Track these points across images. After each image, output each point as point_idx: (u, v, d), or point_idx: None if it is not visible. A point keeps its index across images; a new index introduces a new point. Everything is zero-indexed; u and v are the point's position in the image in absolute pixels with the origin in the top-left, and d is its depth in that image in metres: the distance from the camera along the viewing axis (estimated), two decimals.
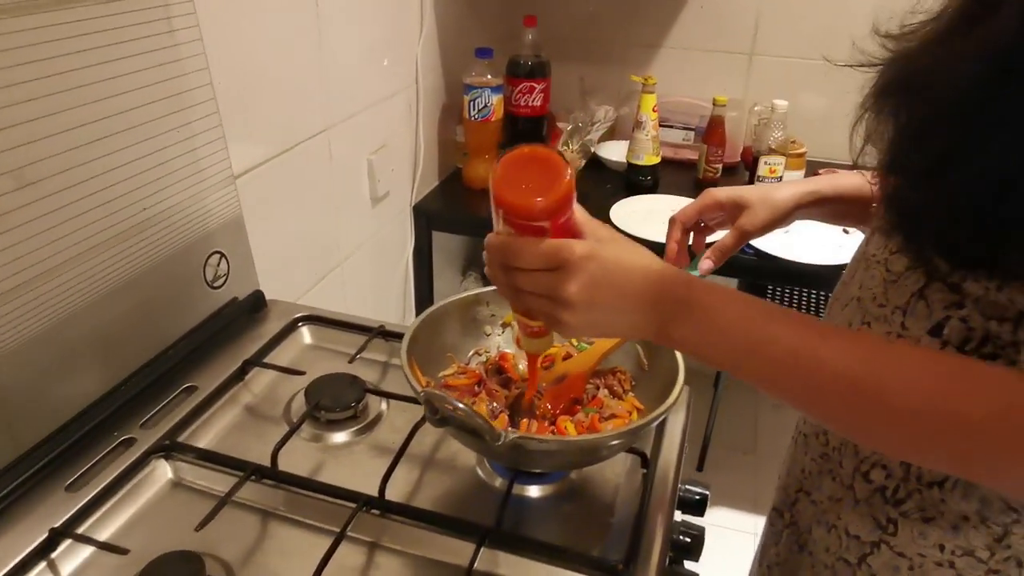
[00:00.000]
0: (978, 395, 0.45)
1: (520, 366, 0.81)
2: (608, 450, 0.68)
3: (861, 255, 0.66)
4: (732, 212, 0.79)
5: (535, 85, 1.67)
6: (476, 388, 0.77)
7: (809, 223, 1.51)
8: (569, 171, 0.54)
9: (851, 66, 0.57)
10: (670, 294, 0.53)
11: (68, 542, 0.65)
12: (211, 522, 0.66)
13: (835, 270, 1.40)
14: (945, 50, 0.49)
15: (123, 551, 0.63)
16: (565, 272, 0.53)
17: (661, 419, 0.68)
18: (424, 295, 1.74)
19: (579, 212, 0.56)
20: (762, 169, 1.63)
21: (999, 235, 0.47)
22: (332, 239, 1.33)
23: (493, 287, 0.83)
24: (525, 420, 0.73)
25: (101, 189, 0.76)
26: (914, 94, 0.51)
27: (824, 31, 1.67)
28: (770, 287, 2.02)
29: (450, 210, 1.69)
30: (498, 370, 0.79)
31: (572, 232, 0.55)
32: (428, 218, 1.66)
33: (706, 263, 0.78)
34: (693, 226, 0.80)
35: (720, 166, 1.75)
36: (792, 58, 1.86)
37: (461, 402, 0.59)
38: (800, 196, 0.78)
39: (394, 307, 1.64)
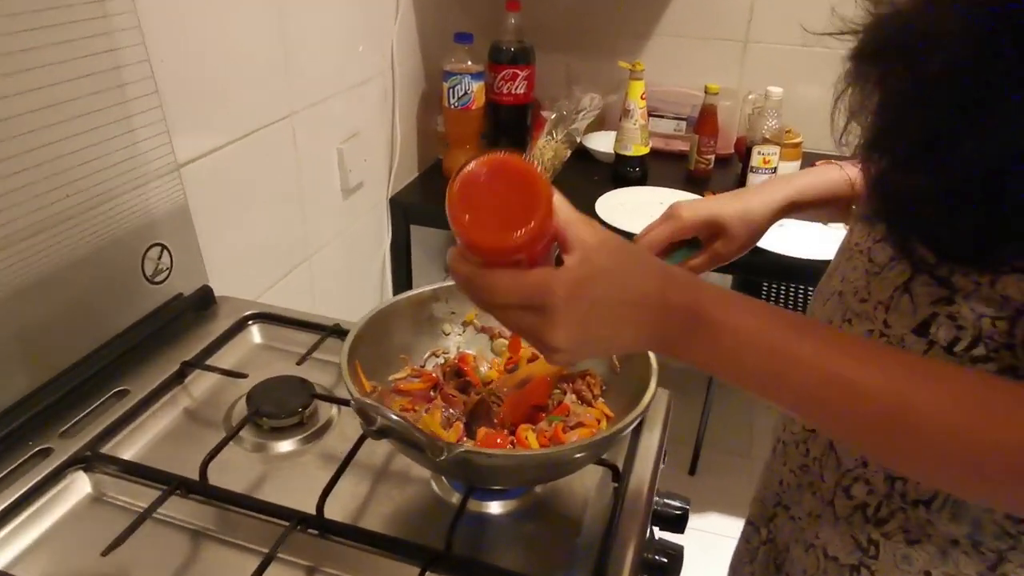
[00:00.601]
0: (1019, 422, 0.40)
1: (482, 369, 0.74)
2: (570, 465, 0.61)
3: (845, 245, 0.60)
4: (706, 233, 0.73)
5: (518, 72, 1.60)
6: (431, 393, 0.70)
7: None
8: (548, 192, 0.44)
9: (831, 34, 0.51)
10: (675, 317, 0.45)
11: None
12: (131, 543, 0.59)
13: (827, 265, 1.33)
14: (936, 8, 0.43)
15: None
16: (548, 317, 0.43)
17: (632, 427, 0.60)
18: (402, 292, 1.66)
19: (561, 211, 0.45)
20: (755, 159, 1.55)
21: (993, 223, 0.41)
22: (298, 232, 1.25)
23: (451, 282, 0.76)
24: (483, 429, 0.66)
25: (16, 172, 0.68)
26: (901, 60, 0.45)
27: (821, 18, 1.60)
28: (765, 284, 1.95)
29: (430, 203, 1.61)
30: (457, 373, 0.72)
31: (551, 250, 0.46)
32: (406, 211, 1.58)
33: None
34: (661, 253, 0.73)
35: (712, 157, 1.67)
36: (787, 45, 1.78)
37: (396, 413, 0.52)
38: (778, 208, 0.73)
39: (369, 306, 1.56)
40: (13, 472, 0.67)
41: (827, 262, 0.68)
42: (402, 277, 1.64)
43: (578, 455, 0.59)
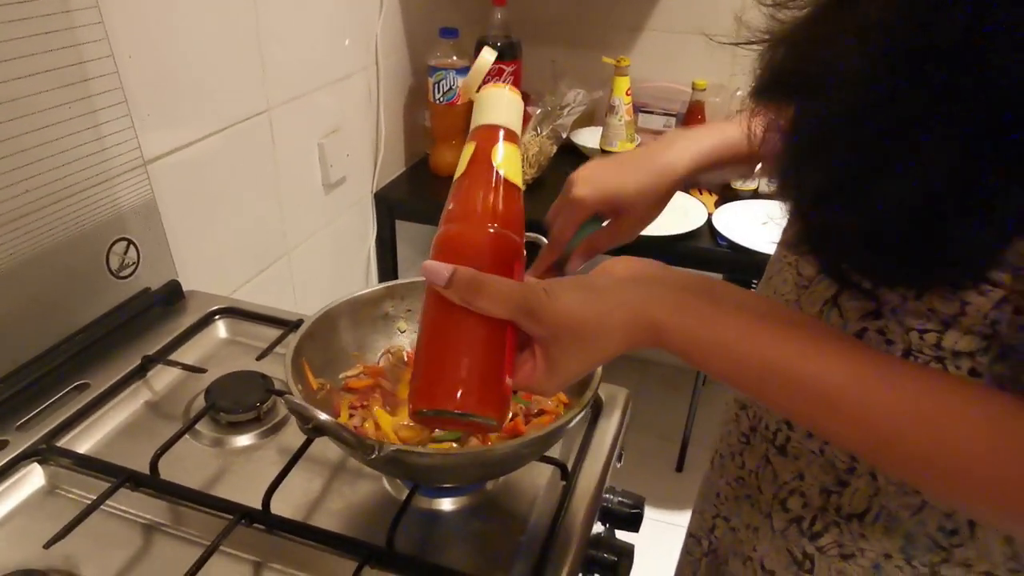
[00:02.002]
0: None
1: None
2: (510, 462, 0.61)
3: (775, 256, 0.59)
4: (607, 210, 0.69)
5: (504, 67, 1.59)
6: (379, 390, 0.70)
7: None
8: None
9: (736, 44, 0.50)
10: (643, 337, 0.43)
11: None
12: (80, 535, 0.60)
13: None
14: (834, 47, 0.40)
15: None
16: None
17: (572, 423, 0.60)
18: None
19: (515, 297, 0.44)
20: None
21: (925, 251, 0.39)
22: (276, 227, 1.26)
23: (404, 279, 0.76)
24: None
25: None
26: (802, 99, 0.43)
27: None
28: (755, 282, 1.94)
29: (415, 198, 1.61)
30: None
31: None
32: (391, 206, 1.59)
33: (575, 261, 0.70)
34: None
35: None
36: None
37: (323, 412, 0.52)
38: (679, 180, 0.68)
39: None
40: None
41: None
42: (388, 273, 1.65)
43: (516, 453, 0.59)
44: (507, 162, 0.48)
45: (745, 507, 0.60)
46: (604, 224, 0.71)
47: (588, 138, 1.76)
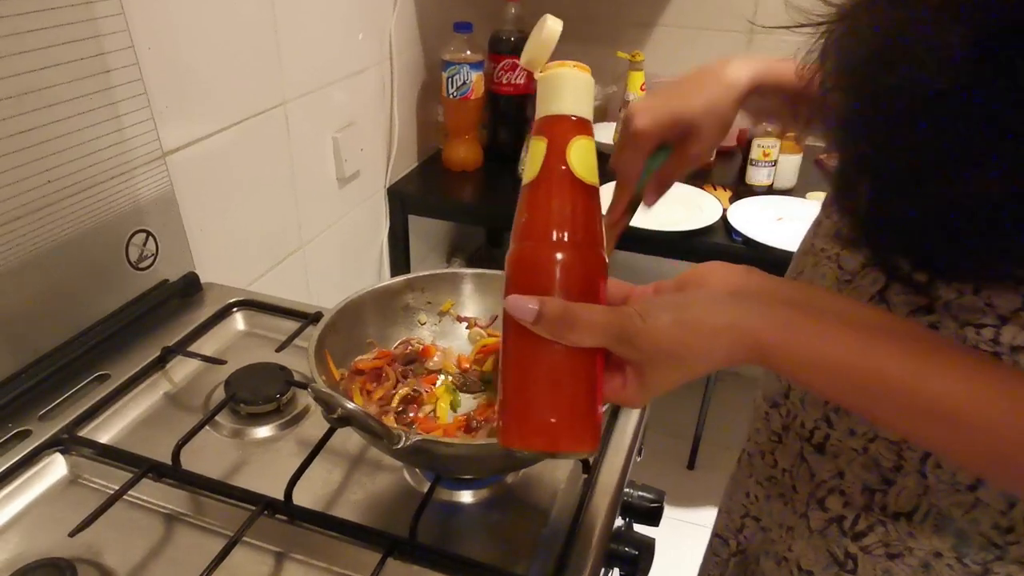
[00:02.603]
0: None
1: (435, 358, 0.73)
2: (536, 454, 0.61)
3: (808, 249, 0.58)
4: (673, 135, 0.65)
5: (518, 62, 1.58)
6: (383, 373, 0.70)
7: (803, 208, 1.41)
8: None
9: (785, 28, 0.48)
10: (744, 356, 0.41)
11: None
12: (103, 525, 0.60)
13: None
14: (935, 25, 0.37)
15: None
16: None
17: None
18: None
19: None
20: (755, 152, 1.54)
21: (996, 243, 0.38)
22: (291, 221, 1.26)
23: (426, 272, 0.76)
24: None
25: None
26: (887, 80, 0.40)
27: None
28: None
29: (428, 193, 1.61)
30: (410, 361, 0.72)
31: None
32: (403, 201, 1.59)
33: (650, 197, 0.67)
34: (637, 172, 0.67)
35: (714, 149, 1.66)
36: (794, 37, 1.76)
37: (352, 402, 0.52)
38: (743, 92, 0.64)
39: None
40: None
41: None
42: (400, 267, 1.65)
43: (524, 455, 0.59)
44: (583, 160, 0.44)
45: (777, 506, 0.60)
46: (671, 153, 0.67)
47: (601, 133, 1.75)
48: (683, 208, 1.46)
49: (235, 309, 0.92)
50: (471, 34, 1.52)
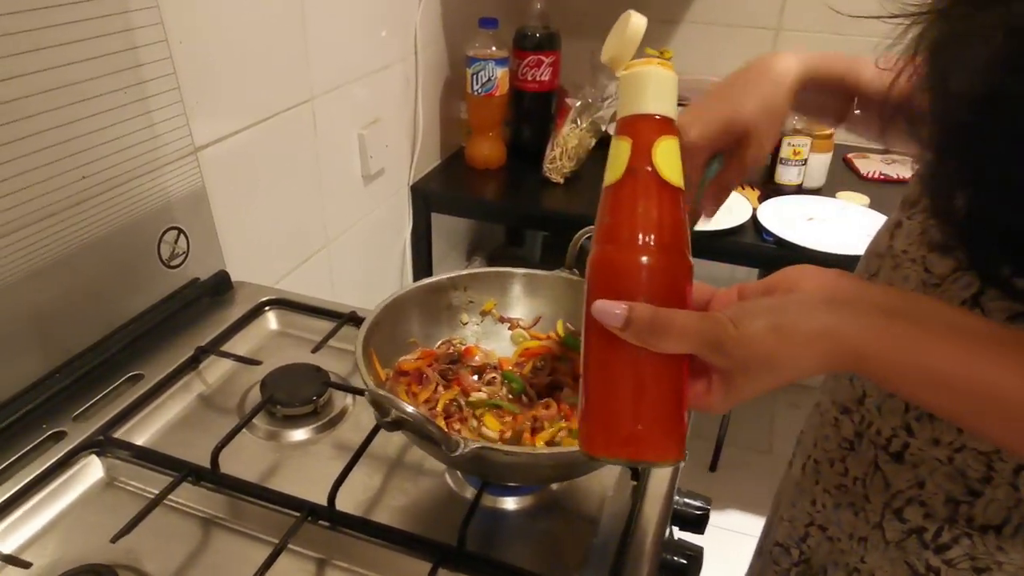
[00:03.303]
0: None
1: (476, 358, 0.71)
2: (591, 464, 0.59)
3: (885, 250, 0.55)
4: (726, 142, 0.61)
5: (543, 58, 1.57)
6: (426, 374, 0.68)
7: (833, 208, 1.38)
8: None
9: (878, 18, 0.45)
10: (840, 364, 0.40)
11: None
12: (141, 529, 0.58)
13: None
14: None
15: (25, 564, 0.55)
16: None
17: None
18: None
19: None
20: (785, 150, 1.51)
21: None
22: (317, 219, 1.24)
23: (471, 270, 0.74)
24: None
25: (30, 153, 0.67)
26: (1004, 81, 0.37)
27: (857, 4, 1.55)
28: None
29: (451, 191, 1.59)
30: (452, 361, 0.70)
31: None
32: (427, 199, 1.57)
33: (709, 209, 0.64)
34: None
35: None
36: (821, 33, 1.73)
37: (412, 405, 0.50)
38: (795, 86, 0.60)
39: (389, 294, 1.55)
40: (27, 454, 0.66)
41: (856, 258, 0.62)
42: (422, 265, 1.63)
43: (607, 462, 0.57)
44: (669, 161, 0.42)
45: (847, 516, 0.57)
46: (728, 160, 0.63)
47: None
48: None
49: (267, 308, 0.90)
50: (496, 30, 1.50)
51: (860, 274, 0.60)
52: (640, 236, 0.41)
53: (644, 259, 0.41)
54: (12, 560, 0.56)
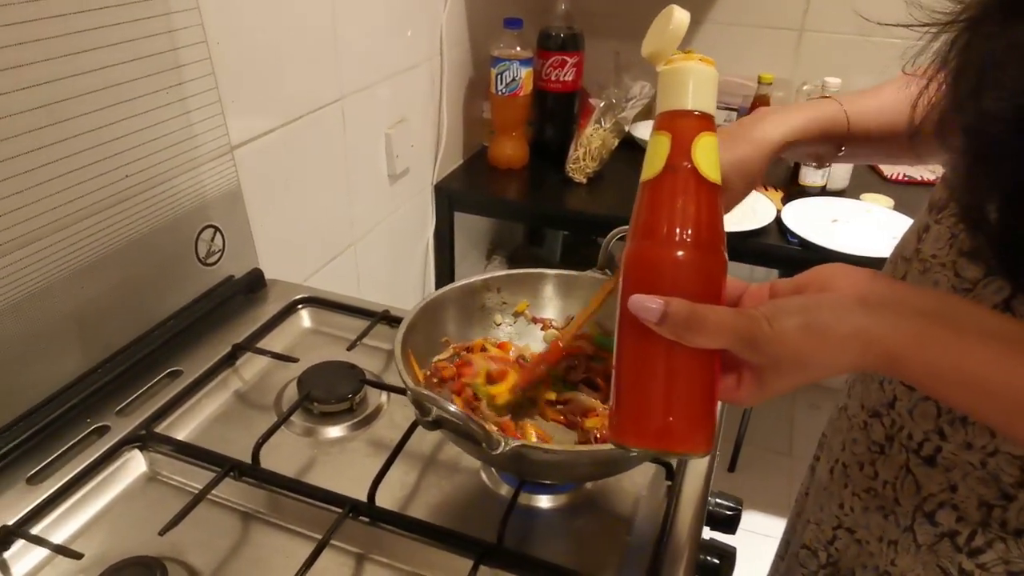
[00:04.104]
0: None
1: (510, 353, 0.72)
2: (629, 461, 0.59)
3: (913, 254, 0.55)
4: None
5: (567, 59, 1.57)
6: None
7: (858, 210, 1.38)
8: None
9: (906, 26, 0.46)
10: (873, 365, 0.40)
11: (21, 542, 0.59)
12: (184, 523, 0.59)
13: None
14: None
15: (76, 555, 0.56)
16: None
17: None
18: (444, 280, 1.66)
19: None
20: None
21: None
22: (345, 217, 1.25)
23: (504, 271, 0.75)
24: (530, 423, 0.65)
25: (74, 153, 0.69)
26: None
27: (880, 7, 1.54)
28: None
29: (474, 190, 1.60)
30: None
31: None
32: (450, 198, 1.58)
33: None
34: None
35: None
36: (844, 35, 1.73)
37: (454, 404, 0.51)
38: (774, 151, 0.64)
39: (412, 292, 1.57)
40: (73, 448, 0.68)
41: (881, 260, 0.63)
42: (445, 264, 1.64)
43: (644, 453, 0.58)
44: (708, 158, 0.42)
45: (876, 519, 0.58)
46: None
47: (646, 131, 1.72)
48: (736, 209, 1.44)
49: (300, 306, 0.91)
50: (521, 30, 1.51)
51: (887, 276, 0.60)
52: (678, 232, 0.42)
53: (681, 255, 0.41)
54: (64, 551, 0.57)
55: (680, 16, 0.44)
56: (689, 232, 0.41)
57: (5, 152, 0.63)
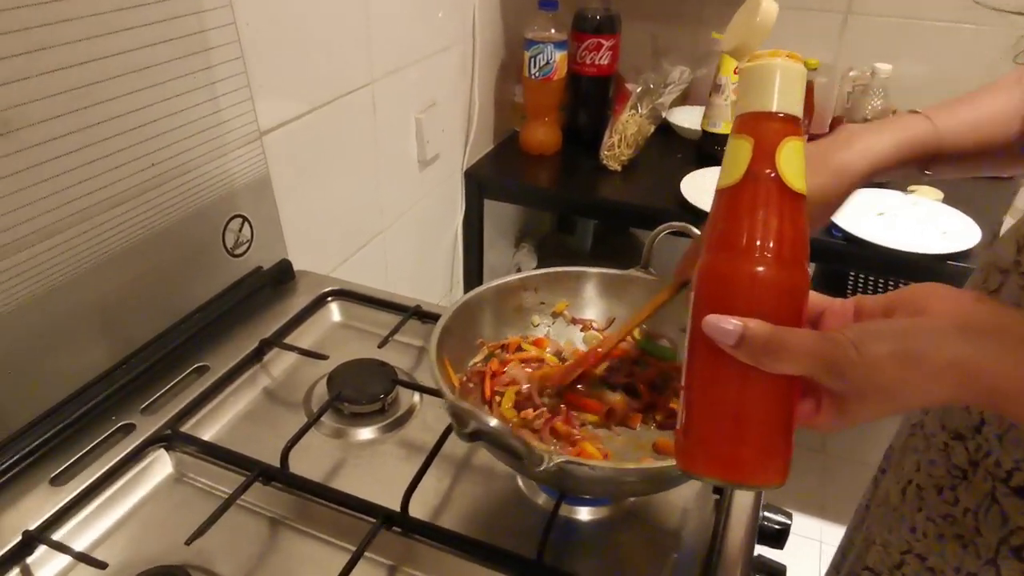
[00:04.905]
0: None
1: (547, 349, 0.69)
2: (678, 479, 0.56)
3: (1012, 266, 0.51)
4: None
5: (603, 42, 1.52)
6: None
7: (905, 203, 1.31)
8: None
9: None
10: (971, 399, 0.38)
11: (44, 548, 0.57)
12: (210, 530, 0.57)
13: (936, 261, 1.23)
14: None
15: (101, 565, 0.54)
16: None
17: None
18: (473, 269, 1.63)
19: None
20: None
21: None
22: (374, 205, 1.22)
23: (542, 270, 0.71)
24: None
25: (102, 140, 0.66)
26: None
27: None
28: (852, 274, 1.84)
29: (505, 177, 1.56)
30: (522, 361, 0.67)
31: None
32: (480, 185, 1.54)
33: None
34: None
35: (805, 138, 1.57)
36: (891, 17, 1.65)
37: (494, 418, 0.47)
38: (857, 182, 0.60)
39: (440, 281, 1.53)
40: (97, 447, 0.66)
41: (927, 257, 0.58)
42: (474, 254, 1.60)
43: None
44: (793, 165, 0.39)
45: (953, 548, 0.54)
46: None
47: (683, 118, 1.67)
48: None
49: (329, 299, 0.88)
50: (556, 12, 1.46)
51: (977, 287, 0.55)
52: (758, 247, 0.38)
53: (761, 271, 0.38)
54: (87, 559, 0.55)
55: (768, 7, 0.41)
56: (771, 248, 0.38)
57: (34, 138, 0.60)
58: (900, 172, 0.64)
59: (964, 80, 0.74)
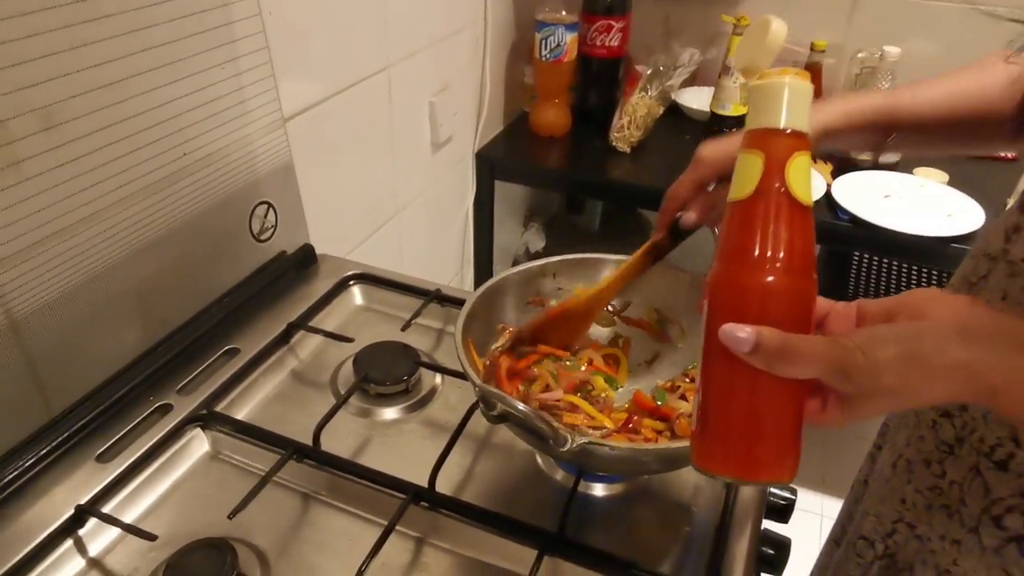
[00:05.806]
0: None
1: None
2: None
3: (1000, 254, 0.53)
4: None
5: (613, 23, 1.53)
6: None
7: (911, 185, 1.34)
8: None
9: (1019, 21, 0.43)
10: (972, 399, 0.40)
11: (95, 520, 0.60)
12: (248, 505, 0.61)
13: (940, 243, 1.25)
14: None
15: (151, 536, 0.58)
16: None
17: None
18: (483, 249, 1.65)
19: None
20: None
21: None
22: (389, 188, 1.24)
23: (561, 256, 0.74)
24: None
25: (139, 131, 0.69)
26: None
27: None
28: (856, 254, 1.86)
29: (515, 158, 1.58)
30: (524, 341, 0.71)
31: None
32: (491, 166, 1.56)
33: (689, 215, 0.65)
34: (690, 199, 0.66)
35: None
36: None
37: (522, 402, 0.51)
38: (821, 129, 0.62)
39: (451, 261, 1.56)
40: (138, 426, 0.69)
41: (932, 239, 0.61)
42: (484, 234, 1.63)
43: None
44: (801, 179, 0.41)
45: (939, 517, 0.57)
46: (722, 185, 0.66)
47: (692, 99, 1.68)
48: None
49: (351, 283, 0.91)
50: None
51: (967, 275, 0.58)
52: (769, 259, 0.40)
53: (773, 282, 0.40)
54: (137, 531, 0.58)
55: (778, 27, 0.43)
56: (781, 259, 0.40)
57: (75, 131, 0.63)
58: (858, 139, 0.67)
59: None
